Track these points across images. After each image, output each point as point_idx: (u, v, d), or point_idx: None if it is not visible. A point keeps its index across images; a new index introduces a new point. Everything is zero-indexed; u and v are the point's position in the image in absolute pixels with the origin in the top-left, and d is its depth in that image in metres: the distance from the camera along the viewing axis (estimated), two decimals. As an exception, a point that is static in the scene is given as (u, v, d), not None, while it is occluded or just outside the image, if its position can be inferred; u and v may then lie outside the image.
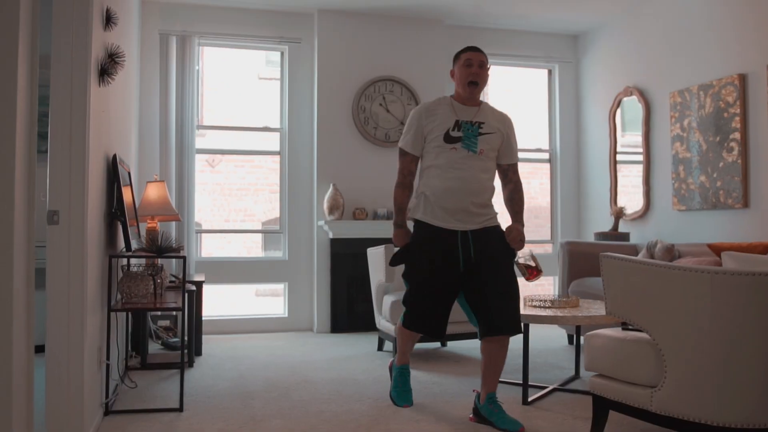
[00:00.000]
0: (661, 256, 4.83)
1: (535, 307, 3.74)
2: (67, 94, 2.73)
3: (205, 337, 5.54)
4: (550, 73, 6.87)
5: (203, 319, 5.74)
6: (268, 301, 9.23)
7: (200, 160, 9.36)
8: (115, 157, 3.49)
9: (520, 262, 3.32)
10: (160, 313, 5.20)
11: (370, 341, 5.38)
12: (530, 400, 3.57)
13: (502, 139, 3.21)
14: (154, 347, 5.13)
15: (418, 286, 3.18)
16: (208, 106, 10.11)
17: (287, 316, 6.02)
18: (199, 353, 4.87)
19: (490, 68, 3.27)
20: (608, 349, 2.85)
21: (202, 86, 10.07)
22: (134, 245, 3.91)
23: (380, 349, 5.03)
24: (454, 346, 5.12)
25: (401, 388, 3.42)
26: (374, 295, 5.02)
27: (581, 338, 4.30)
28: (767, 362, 2.35)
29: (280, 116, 6.19)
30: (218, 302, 9.20)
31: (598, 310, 3.64)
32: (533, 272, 3.42)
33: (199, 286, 4.89)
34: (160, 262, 3.67)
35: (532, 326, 3.72)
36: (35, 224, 2.16)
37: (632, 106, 6.02)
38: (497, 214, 3.24)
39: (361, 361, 4.66)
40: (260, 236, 10.06)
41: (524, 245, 3.19)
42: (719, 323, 2.40)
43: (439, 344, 5.17)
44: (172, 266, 5.16)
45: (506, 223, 3.27)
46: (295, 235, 6.06)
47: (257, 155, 7.45)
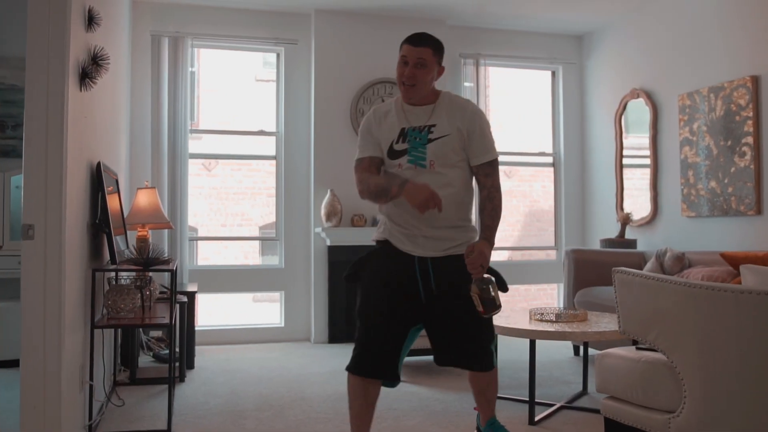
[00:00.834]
0: (671, 265, 4.65)
1: (541, 321, 3.56)
2: (42, 98, 2.56)
3: (199, 348, 5.37)
4: (553, 74, 6.69)
5: (197, 329, 5.58)
6: (266, 307, 9.06)
7: (197, 163, 9.24)
8: (99, 164, 3.32)
9: (474, 292, 2.46)
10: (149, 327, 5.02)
11: (368, 352, 5.20)
12: (537, 419, 3.39)
13: (461, 139, 2.59)
14: (145, 359, 4.95)
15: (367, 310, 2.59)
16: (204, 108, 9.98)
17: (284, 325, 5.84)
18: (191, 366, 4.69)
19: (440, 61, 2.65)
20: (622, 370, 2.67)
21: (198, 88, 9.95)
22: (125, 255, 3.73)
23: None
24: (456, 358, 4.93)
25: None
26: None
27: (588, 351, 4.13)
28: (797, 389, 2.17)
29: (276, 119, 6.01)
30: (215, 309, 9.06)
31: (608, 324, 3.46)
32: (490, 308, 2.48)
33: (191, 296, 4.71)
34: (149, 273, 3.50)
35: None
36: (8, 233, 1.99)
37: (639, 109, 5.84)
38: (474, 238, 2.69)
39: (359, 374, 4.48)
40: (257, 241, 9.91)
41: (483, 272, 2.49)
42: (745, 346, 2.22)
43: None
44: (163, 276, 4.98)
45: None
46: (291, 242, 5.88)
47: (254, 159, 7.29)
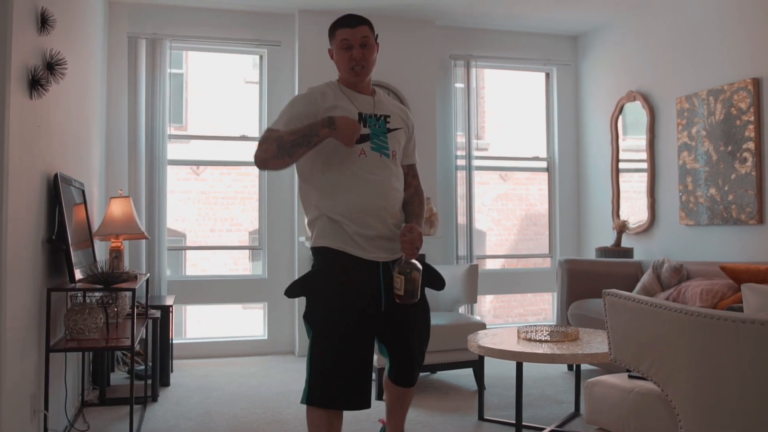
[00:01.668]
0: (668, 276, 4.44)
1: (529, 341, 3.35)
2: (-20, 108, 2.35)
3: (179, 362, 5.17)
4: (548, 76, 6.48)
5: (177, 343, 5.39)
6: (255, 314, 8.84)
7: (185, 168, 9.03)
8: (57, 176, 3.11)
9: (399, 274, 2.26)
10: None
11: (354, 367, 4.98)
12: (524, 446, 3.18)
13: (407, 136, 2.53)
14: (120, 376, 4.74)
15: (324, 331, 2.29)
16: (193, 112, 9.77)
17: (267, 338, 5.62)
18: (166, 383, 4.48)
19: (377, 36, 2.53)
20: (612, 401, 2.46)
21: (186, 92, 9.74)
22: (92, 270, 3.51)
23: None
24: (442, 375, 4.72)
25: None
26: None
27: (581, 369, 3.92)
28: (804, 430, 1.96)
29: (259, 124, 5.80)
30: (202, 318, 8.85)
31: (600, 344, 3.25)
32: (409, 297, 2.28)
33: (165, 310, 4.50)
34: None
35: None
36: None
37: (636, 112, 5.63)
38: None
39: (341, 392, 4.27)
40: (246, 249, 9.67)
41: (416, 255, 2.30)
42: (745, 379, 2.00)
43: (429, 372, 4.76)
44: (147, 288, 4.76)
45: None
46: (275, 251, 5.67)
47: (237, 165, 7.09)
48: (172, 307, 4.69)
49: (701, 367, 2.09)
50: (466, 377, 4.58)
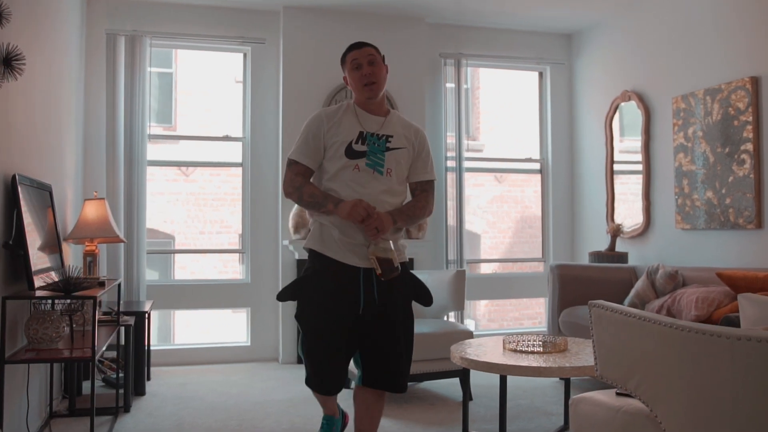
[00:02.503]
0: (663, 283, 4.28)
1: (515, 352, 3.18)
2: None
3: (157, 369, 5.00)
4: (541, 75, 6.31)
5: (157, 349, 5.23)
6: (240, 319, 8.64)
7: (173, 168, 8.86)
8: (14, 178, 2.94)
9: (371, 254, 2.47)
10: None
11: (338, 375, 4.82)
12: (509, 464, 3.01)
13: (411, 156, 2.69)
14: (95, 384, 4.56)
15: (312, 329, 2.61)
16: (182, 111, 9.59)
17: (250, 344, 5.45)
18: (141, 393, 4.31)
19: (384, 58, 2.72)
20: (599, 420, 2.30)
21: (175, 91, 9.57)
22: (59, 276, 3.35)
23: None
24: (429, 385, 4.54)
25: None
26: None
27: (570, 381, 3.75)
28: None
29: (242, 124, 5.63)
30: (191, 323, 8.67)
31: (589, 356, 3.08)
32: (388, 271, 2.48)
33: (141, 316, 4.33)
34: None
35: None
36: None
37: (631, 112, 5.47)
38: (406, 247, 2.75)
39: (323, 403, 4.10)
40: (230, 253, 9.45)
41: (378, 236, 2.48)
42: (740, 399, 1.84)
43: (414, 381, 4.59)
44: (119, 293, 4.59)
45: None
46: (258, 255, 5.50)
47: (220, 167, 6.93)
48: (148, 313, 4.52)
49: (693, 386, 1.93)
50: (453, 386, 4.41)
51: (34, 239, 3.13)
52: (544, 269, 6.20)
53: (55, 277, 3.31)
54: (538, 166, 6.29)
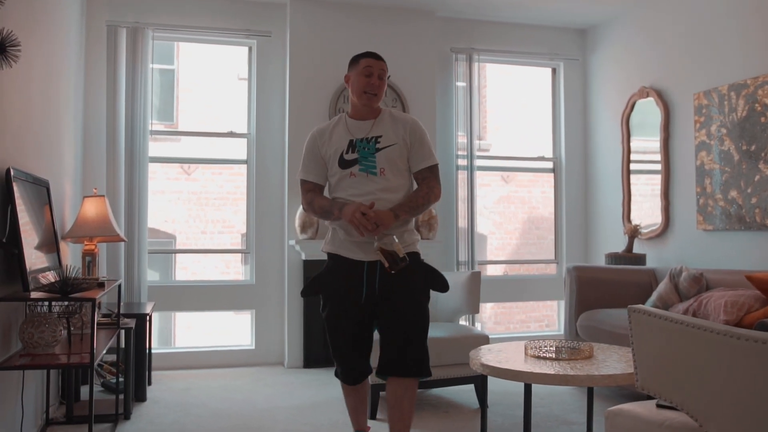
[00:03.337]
0: (687, 286, 4.10)
1: (537, 358, 3.01)
2: None
3: (158, 373, 4.83)
4: (554, 71, 6.14)
5: (158, 352, 5.06)
6: (246, 319, 8.46)
7: (174, 167, 8.69)
8: (8, 172, 2.77)
9: (377, 248, 2.63)
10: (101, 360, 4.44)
11: (346, 381, 4.64)
12: (533, 478, 2.83)
13: (405, 148, 2.81)
14: (95, 389, 4.38)
15: (328, 323, 2.88)
16: (184, 108, 9.41)
17: (254, 348, 5.27)
18: (142, 398, 4.14)
19: (389, 77, 2.93)
20: (639, 436, 2.12)
21: (177, 88, 9.39)
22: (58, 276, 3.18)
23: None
24: (441, 391, 4.36)
25: None
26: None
27: (594, 389, 3.57)
28: None
29: (247, 120, 5.45)
30: (192, 325, 8.49)
31: (617, 363, 2.90)
32: (395, 263, 2.62)
33: (142, 319, 4.16)
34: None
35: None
36: None
37: (648, 109, 5.29)
38: (417, 240, 2.88)
39: (331, 408, 3.93)
40: (234, 253, 9.27)
41: (378, 232, 2.62)
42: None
43: (425, 388, 4.40)
44: (120, 295, 4.41)
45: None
46: (263, 255, 5.32)
47: (224, 164, 6.75)
48: (150, 315, 4.34)
49: (752, 399, 1.75)
50: (467, 394, 4.23)
51: (30, 238, 2.95)
52: (557, 271, 6.02)
53: (52, 277, 3.13)
54: (550, 164, 6.12)
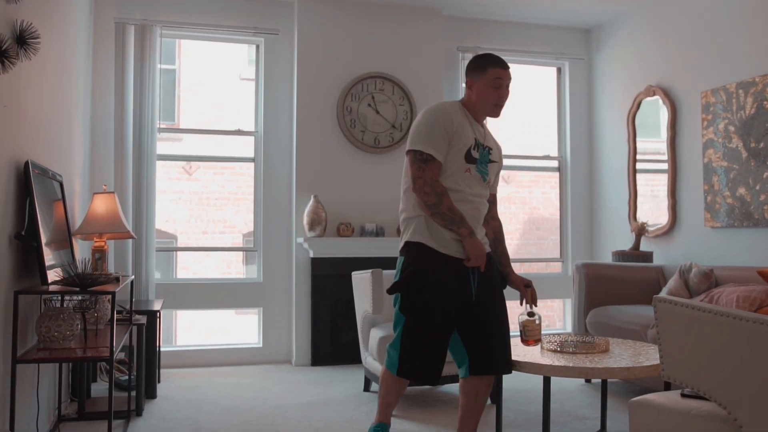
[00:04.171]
0: (697, 282, 4.12)
1: (555, 352, 3.01)
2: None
3: (166, 371, 4.82)
4: (559, 71, 6.16)
5: (166, 350, 5.05)
6: (248, 320, 8.45)
7: (176, 166, 8.67)
8: (27, 164, 2.76)
9: (524, 323, 2.91)
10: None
11: (355, 377, 4.64)
12: (551, 472, 2.83)
13: (497, 171, 2.87)
14: (102, 386, 4.38)
15: (423, 321, 2.65)
16: (186, 107, 9.40)
17: (262, 346, 5.26)
18: (152, 395, 4.12)
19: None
20: (665, 425, 2.12)
21: (179, 87, 9.38)
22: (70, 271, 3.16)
23: (366, 389, 4.30)
24: (449, 388, 4.36)
25: None
26: (360, 327, 4.29)
27: (607, 383, 3.58)
28: None
29: (255, 118, 5.45)
30: (193, 324, 8.47)
31: (633, 357, 2.91)
32: (534, 339, 2.94)
33: (152, 316, 4.15)
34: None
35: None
36: None
37: (655, 108, 5.31)
38: (488, 241, 2.89)
39: (343, 405, 3.93)
40: (240, 251, 9.27)
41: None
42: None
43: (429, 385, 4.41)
44: (132, 291, 4.40)
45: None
46: (271, 253, 5.31)
47: (231, 162, 6.73)
48: (159, 312, 4.33)
49: (781, 388, 1.77)
50: (477, 390, 4.23)
51: (45, 232, 2.94)
52: (562, 270, 6.04)
53: (63, 274, 3.12)
54: (556, 163, 6.14)
